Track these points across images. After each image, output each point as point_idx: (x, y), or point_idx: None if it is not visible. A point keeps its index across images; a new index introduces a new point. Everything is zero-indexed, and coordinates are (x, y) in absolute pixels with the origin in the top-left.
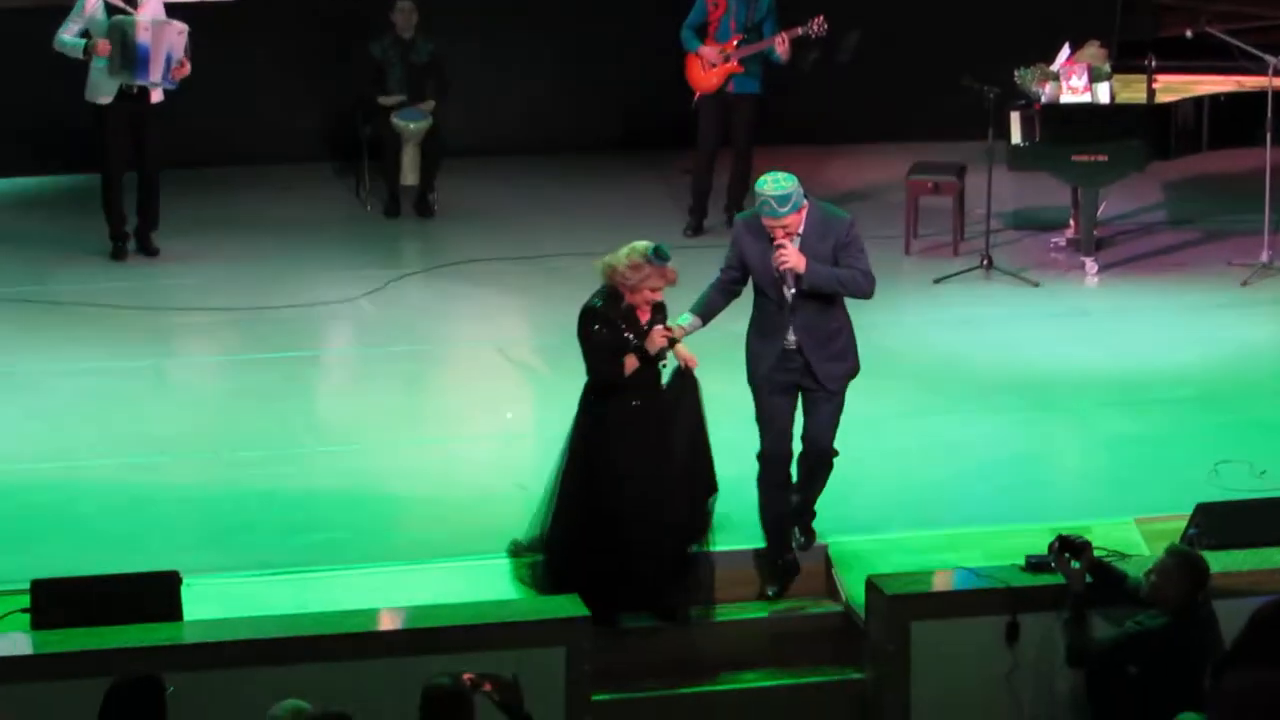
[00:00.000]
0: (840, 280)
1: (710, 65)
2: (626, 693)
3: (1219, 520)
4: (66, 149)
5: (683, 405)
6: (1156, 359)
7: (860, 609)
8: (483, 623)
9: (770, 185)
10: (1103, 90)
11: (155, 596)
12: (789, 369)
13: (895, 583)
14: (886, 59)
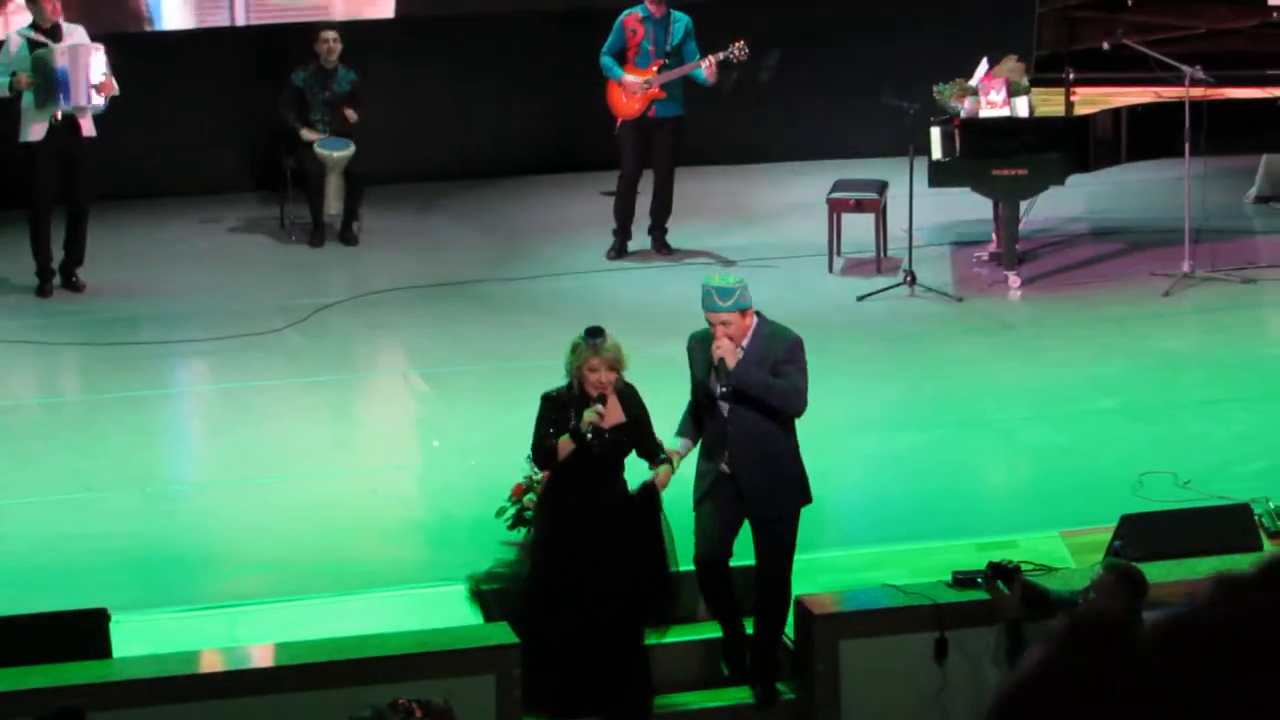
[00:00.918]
0: (769, 387)
1: (633, 94)
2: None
3: (1144, 531)
4: None
5: (639, 517)
6: (1080, 371)
7: (789, 629)
8: (412, 652)
9: (716, 279)
10: (1021, 104)
11: (83, 634)
12: (727, 493)
13: (823, 602)
14: (806, 78)
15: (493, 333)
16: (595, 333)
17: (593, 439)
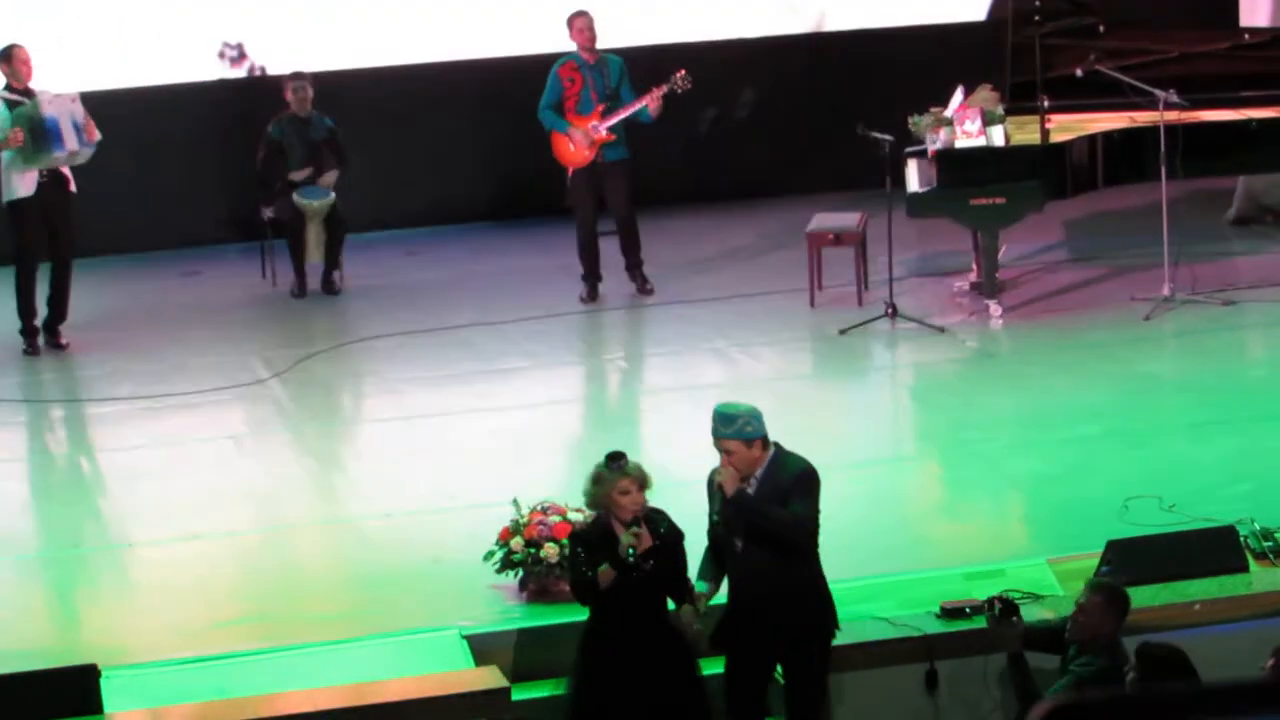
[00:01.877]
0: (765, 516)
1: (582, 144)
2: None
3: (1130, 556)
4: None
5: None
6: (1063, 398)
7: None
8: (406, 699)
9: (722, 405)
10: (997, 133)
11: (73, 691)
12: (750, 638)
13: None
14: (782, 113)
15: (476, 377)
16: (616, 456)
17: (635, 561)
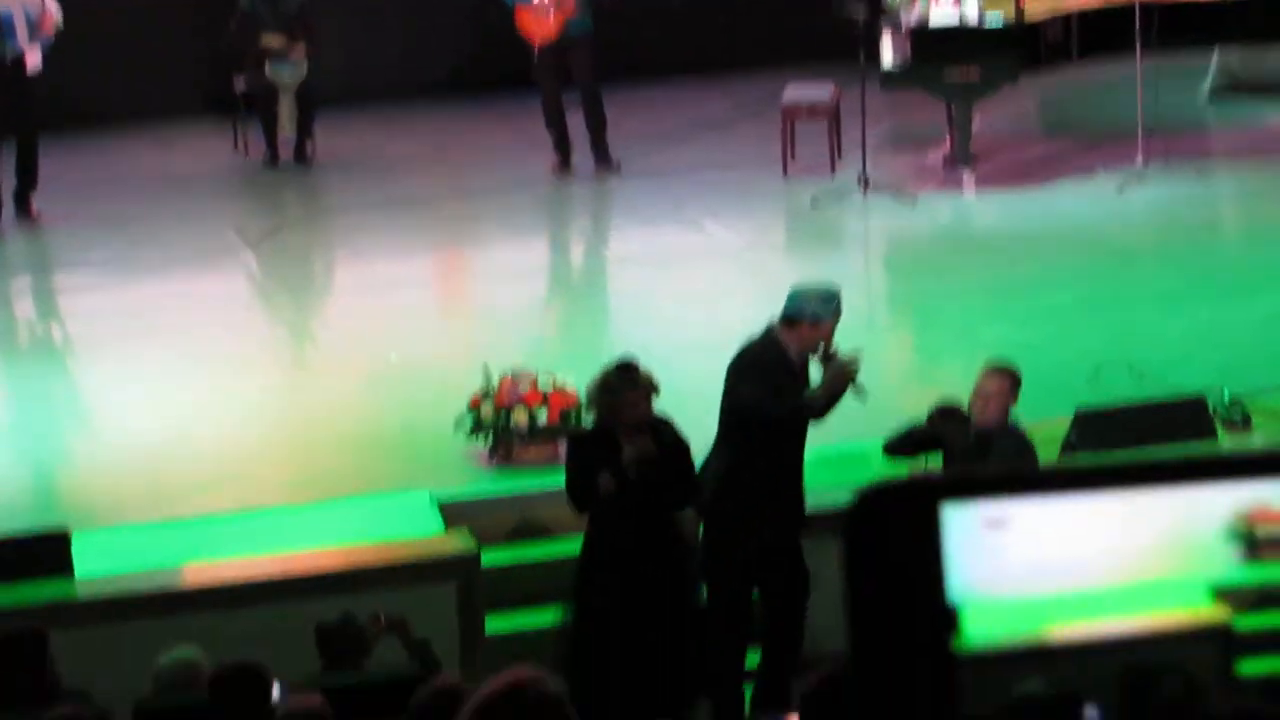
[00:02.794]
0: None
1: (542, 15)
2: (522, 627)
3: (1099, 424)
4: None
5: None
6: (1035, 267)
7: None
8: (374, 563)
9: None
10: (971, 7)
11: (44, 554)
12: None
13: None
14: None
15: (446, 250)
16: (628, 366)
17: (637, 473)
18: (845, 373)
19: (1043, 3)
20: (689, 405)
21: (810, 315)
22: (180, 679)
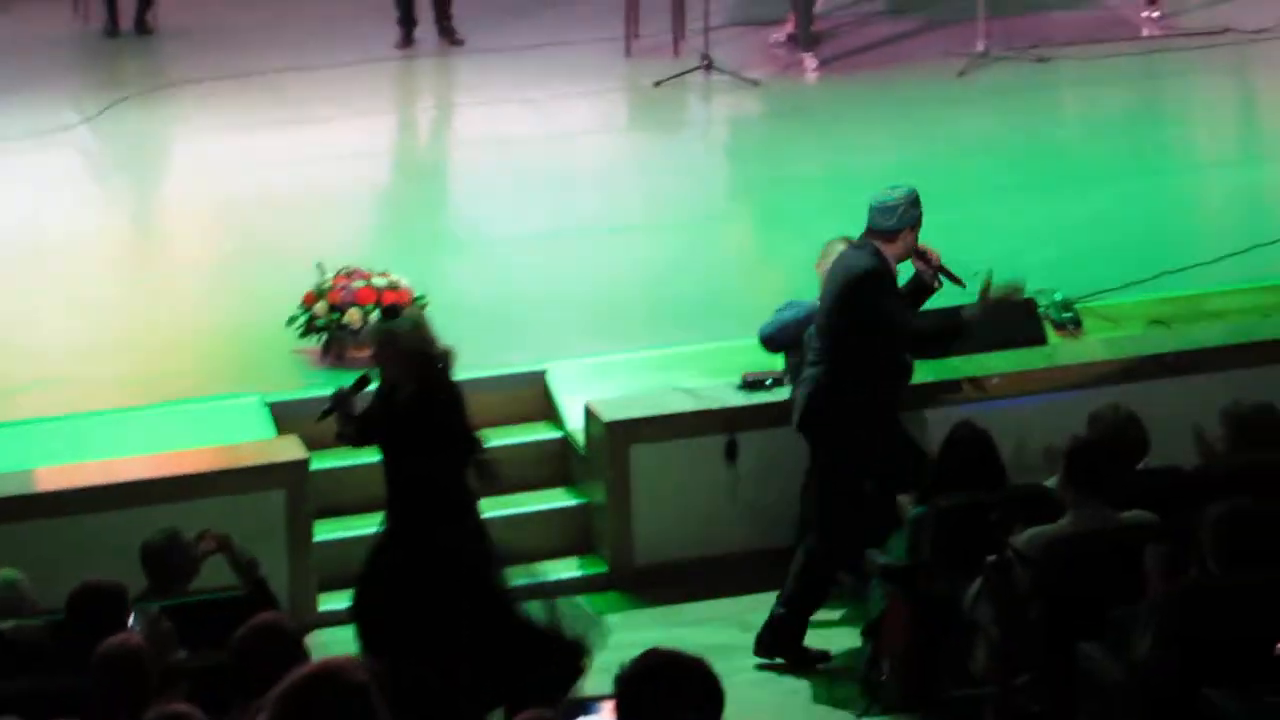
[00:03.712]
0: None
1: None
2: (350, 531)
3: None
4: None
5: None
6: (874, 157)
7: (580, 434)
8: (203, 470)
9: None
10: None
11: None
12: None
13: (613, 407)
14: None
15: (287, 127)
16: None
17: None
18: (939, 266)
19: None
20: (530, 294)
21: (910, 221)
22: (2, 603)
